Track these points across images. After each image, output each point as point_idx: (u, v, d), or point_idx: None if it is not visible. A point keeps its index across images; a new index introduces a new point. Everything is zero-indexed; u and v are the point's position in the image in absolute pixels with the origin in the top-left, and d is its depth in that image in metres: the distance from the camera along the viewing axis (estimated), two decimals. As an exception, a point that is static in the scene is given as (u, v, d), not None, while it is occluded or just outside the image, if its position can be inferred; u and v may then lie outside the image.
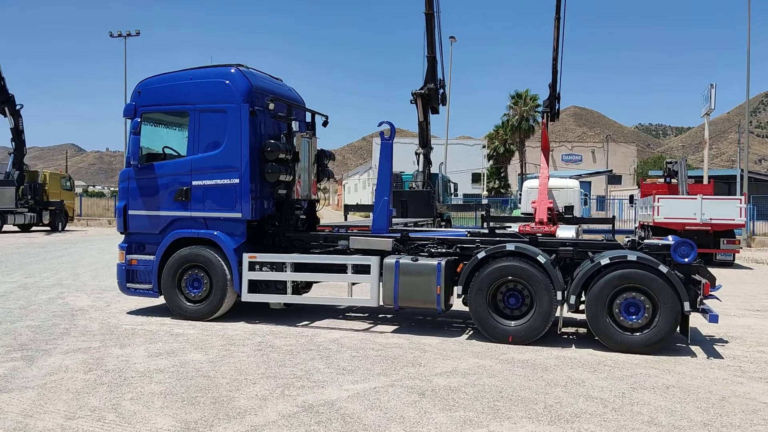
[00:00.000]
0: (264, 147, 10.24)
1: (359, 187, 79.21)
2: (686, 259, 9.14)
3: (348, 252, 10.39)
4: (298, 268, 10.28)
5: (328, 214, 48.48)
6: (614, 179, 72.24)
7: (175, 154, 10.80)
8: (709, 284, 8.83)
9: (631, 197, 31.97)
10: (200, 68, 10.78)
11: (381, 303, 9.87)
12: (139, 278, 10.80)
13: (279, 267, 10.26)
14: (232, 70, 10.45)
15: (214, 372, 7.39)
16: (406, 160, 48.35)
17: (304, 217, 11.80)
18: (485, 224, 29.47)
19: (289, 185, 10.73)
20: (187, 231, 10.49)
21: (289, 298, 10.29)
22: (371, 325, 10.41)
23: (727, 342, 9.75)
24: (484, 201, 51.03)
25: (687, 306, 8.58)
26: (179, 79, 10.76)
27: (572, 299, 9.00)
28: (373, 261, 9.85)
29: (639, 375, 7.68)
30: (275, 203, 10.79)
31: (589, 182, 65.75)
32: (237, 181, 10.19)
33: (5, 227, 35.59)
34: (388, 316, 11.22)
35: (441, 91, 30.81)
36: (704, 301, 9.52)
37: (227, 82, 10.32)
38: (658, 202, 22.99)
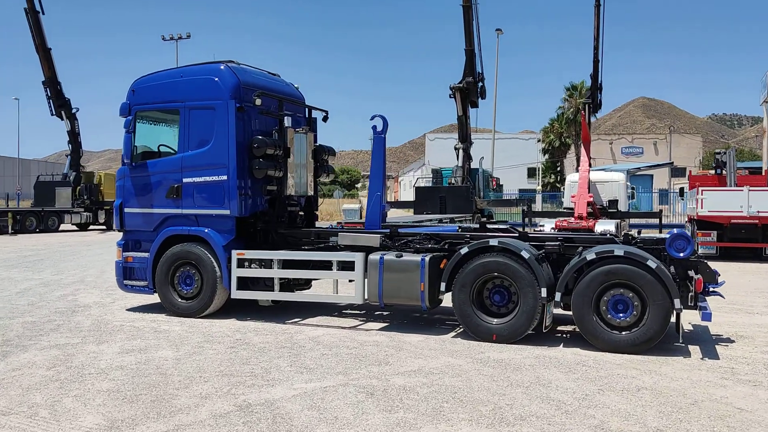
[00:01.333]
0: (251, 143, 10.19)
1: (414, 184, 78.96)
2: (681, 254, 8.64)
3: (338, 249, 10.23)
4: (286, 264, 10.19)
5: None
6: (678, 172, 69.80)
7: (171, 151, 10.87)
8: (701, 280, 8.31)
9: (681, 190, 30.80)
10: (191, 66, 10.82)
11: (366, 300, 9.68)
12: (136, 275, 10.93)
13: (267, 264, 10.19)
14: (222, 67, 10.43)
15: (173, 369, 7.35)
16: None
17: (303, 213, 11.72)
18: (526, 219, 28.93)
19: (281, 181, 10.63)
20: (179, 228, 10.55)
21: (277, 295, 10.21)
22: (361, 323, 10.23)
23: (733, 342, 9.17)
24: (538, 195, 50.09)
25: (678, 303, 8.08)
26: (171, 77, 10.82)
27: (558, 296, 8.61)
28: (357, 257, 9.67)
29: (615, 376, 7.27)
30: (268, 200, 10.72)
31: (651, 175, 63.79)
32: (225, 177, 10.17)
33: (63, 226, 36.97)
34: (384, 313, 11.02)
35: (480, 84, 30.34)
36: (706, 297, 9.05)
37: (216, 79, 10.31)
38: (701, 194, 21.97)
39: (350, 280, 9.95)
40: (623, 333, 8.36)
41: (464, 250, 9.08)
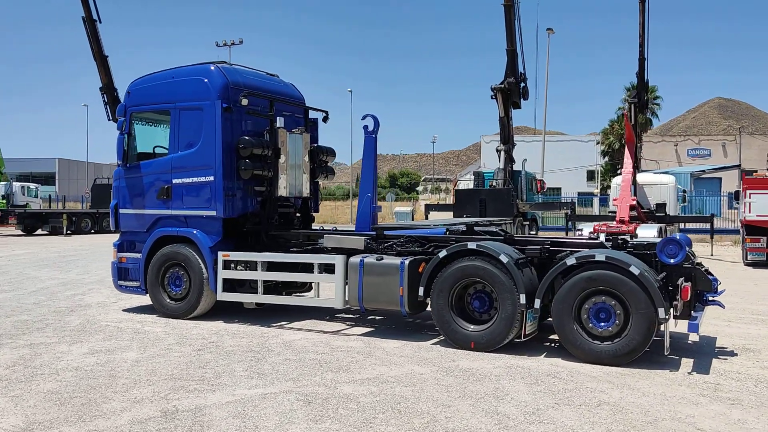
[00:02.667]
0: (237, 143, 10.08)
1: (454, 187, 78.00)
2: (672, 260, 8.07)
3: (326, 251, 10.02)
4: (271, 267, 10.03)
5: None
6: (749, 175, 66.82)
7: (165, 152, 10.88)
8: (689, 288, 7.71)
9: (736, 193, 29.32)
10: (183, 67, 10.80)
11: (347, 304, 9.43)
12: (130, 276, 10.97)
13: (252, 266, 10.06)
14: (212, 68, 10.37)
15: (126, 372, 7.27)
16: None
17: (299, 215, 11.56)
18: (570, 223, 28.08)
19: (272, 182, 10.49)
20: (170, 229, 10.53)
21: (260, 298, 10.05)
22: (347, 327, 9.98)
23: (735, 355, 8.51)
24: (595, 199, 48.74)
25: (662, 312, 7.51)
26: (163, 78, 10.83)
27: (537, 303, 8.15)
28: (338, 260, 9.43)
29: (582, 389, 6.80)
30: (260, 201, 10.60)
31: (719, 179, 61.30)
32: (212, 178, 10.10)
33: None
34: (377, 317, 10.73)
35: (522, 85, 29.67)
36: (706, 305, 8.46)
37: (205, 80, 10.25)
38: (749, 197, 20.81)
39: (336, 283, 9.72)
40: (605, 343, 7.85)
41: (442, 254, 8.72)
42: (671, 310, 7.57)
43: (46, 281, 15.14)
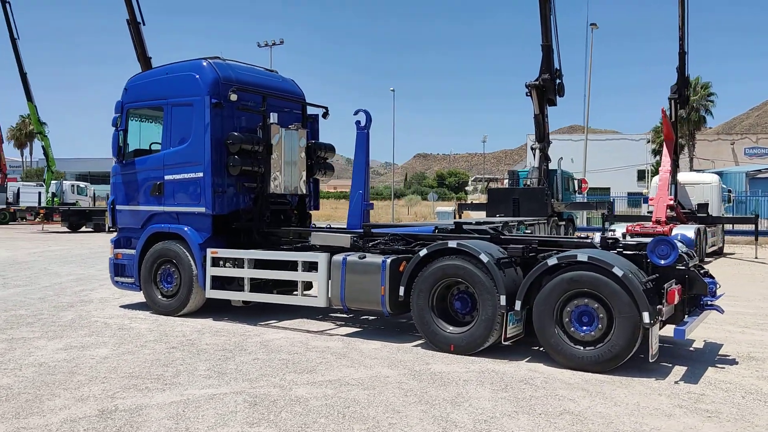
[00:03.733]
0: (225, 139, 9.95)
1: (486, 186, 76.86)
2: (663, 261, 7.59)
3: (315, 249, 9.82)
4: (258, 264, 9.87)
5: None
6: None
7: (160, 148, 10.84)
8: (676, 291, 7.22)
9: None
10: (177, 63, 10.74)
11: (330, 303, 9.20)
12: (126, 272, 10.97)
13: (240, 263, 9.92)
14: (204, 63, 10.28)
15: (87, 368, 7.19)
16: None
17: (296, 212, 11.38)
18: (606, 223, 27.30)
19: (263, 179, 10.33)
20: (162, 226, 10.48)
21: (247, 296, 9.91)
22: (334, 327, 9.76)
23: (735, 363, 7.96)
24: (644, 197, 47.34)
25: (647, 317, 7.05)
26: (158, 74, 10.82)
27: (518, 305, 7.77)
28: (320, 258, 9.21)
29: (551, 397, 6.41)
30: (253, 198, 10.46)
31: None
32: (201, 175, 10.00)
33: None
34: (370, 317, 10.47)
35: (558, 81, 28.98)
36: (704, 310, 7.96)
37: (196, 75, 10.16)
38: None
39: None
40: (587, 348, 7.42)
41: (423, 252, 8.41)
42: (657, 314, 7.09)
43: (64, 277, 15.36)
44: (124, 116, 10.84)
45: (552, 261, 7.61)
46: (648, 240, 7.85)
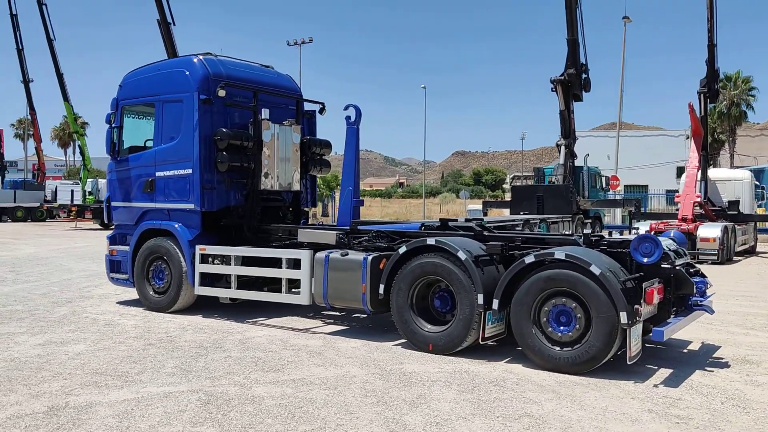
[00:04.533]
0: (213, 135, 9.90)
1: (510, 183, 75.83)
2: (646, 259, 7.28)
3: (303, 246, 9.71)
4: (246, 261, 9.80)
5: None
6: None
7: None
8: (654, 291, 6.90)
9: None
10: (169, 59, 10.72)
11: (313, 301, 9.08)
12: (121, 269, 11.00)
13: (228, 260, 9.86)
14: (194, 60, 10.24)
15: (58, 364, 7.18)
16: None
17: (291, 209, 11.29)
18: (633, 220, 26.70)
19: (254, 175, 10.25)
20: (153, 222, 10.49)
21: (233, 293, 9.84)
22: (321, 325, 9.64)
23: (727, 367, 7.61)
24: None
25: (624, 317, 6.76)
26: (150, 71, 10.80)
27: (495, 304, 7.53)
28: (304, 255, 9.09)
29: (517, 400, 6.18)
30: (246, 194, 10.38)
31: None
32: (190, 171, 9.97)
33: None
34: (361, 317, 10.31)
35: (584, 76, 28.40)
36: (692, 311, 7.63)
37: (186, 72, 10.13)
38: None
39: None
40: (565, 350, 7.16)
41: (402, 249, 8.23)
42: (635, 314, 6.79)
43: (75, 273, 15.53)
44: (119, 113, 10.87)
45: (529, 259, 7.36)
46: (631, 237, 7.54)
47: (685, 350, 8.41)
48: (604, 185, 30.29)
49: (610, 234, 28.52)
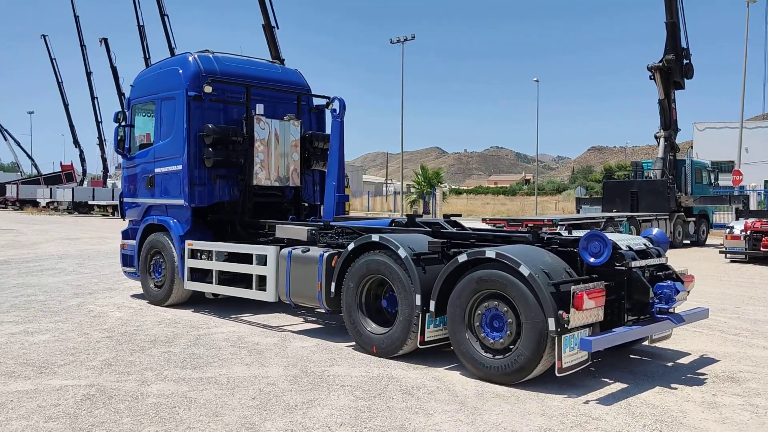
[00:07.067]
0: (200, 131, 9.94)
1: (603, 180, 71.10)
2: (593, 259, 6.52)
3: (273, 242, 9.55)
4: (232, 257, 9.76)
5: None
6: None
7: (160, 143, 11.06)
8: (582, 295, 6.10)
9: None
10: (170, 58, 10.91)
11: (279, 298, 8.89)
12: (131, 262, 11.34)
13: (211, 255, 9.87)
14: (189, 58, 10.33)
15: (7, 354, 7.44)
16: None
17: (293, 205, 11.15)
18: (738, 218, 24.50)
19: (245, 170, 10.20)
20: (153, 218, 10.71)
21: (215, 288, 9.82)
22: (294, 324, 9.41)
23: (700, 384, 6.66)
24: None
25: (552, 323, 6.06)
26: (154, 70, 11.05)
27: (432, 305, 7.00)
28: (269, 251, 8.92)
29: (412, 409, 5.69)
30: (240, 190, 10.36)
31: None
32: (180, 167, 10.08)
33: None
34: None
35: (685, 62, 26.43)
36: (655, 318, 6.78)
37: (180, 70, 10.25)
38: None
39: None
40: (496, 357, 6.54)
41: (350, 246, 7.85)
42: (563, 321, 6.05)
43: (114, 267, 15.69)
44: (130, 111, 11.19)
45: (462, 258, 6.78)
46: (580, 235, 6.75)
47: (670, 363, 7.47)
48: (712, 181, 27.94)
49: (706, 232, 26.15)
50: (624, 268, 6.57)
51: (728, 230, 19.84)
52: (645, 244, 7.12)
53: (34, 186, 64.83)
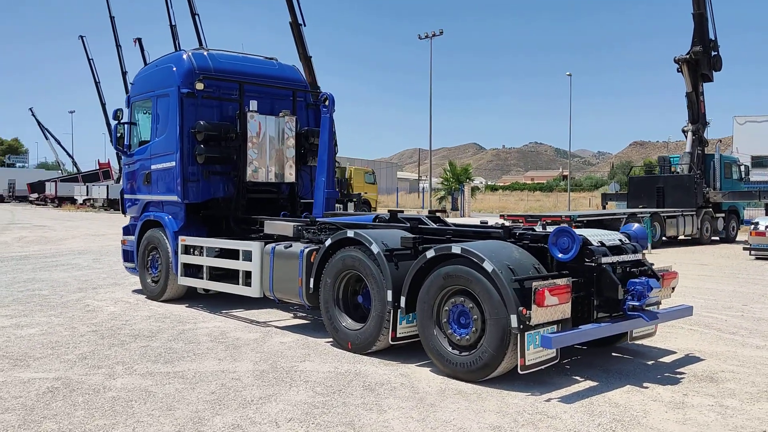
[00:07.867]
0: (191, 128, 10.01)
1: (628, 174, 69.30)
2: (561, 255, 6.39)
3: (272, 237, 9.57)
4: (223, 253, 9.82)
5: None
6: None
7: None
8: (544, 291, 5.96)
9: None
10: (165, 56, 11.01)
11: (263, 293, 8.91)
12: (131, 258, 11.49)
13: (202, 251, 9.94)
14: (183, 55, 10.43)
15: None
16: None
17: (289, 201, 11.16)
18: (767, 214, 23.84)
19: (238, 167, 10.25)
20: (150, 214, 10.85)
21: (205, 284, 9.89)
22: (281, 320, 9.44)
23: (674, 383, 6.48)
24: None
25: (514, 320, 5.95)
26: (151, 68, 11.16)
27: (402, 301, 6.94)
28: (254, 246, 8.94)
29: (367, 405, 5.65)
30: (234, 186, 10.42)
31: None
32: (173, 164, 10.18)
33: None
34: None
35: (713, 54, 25.79)
36: (627, 317, 6.63)
37: (174, 67, 10.35)
38: None
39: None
40: (462, 354, 6.45)
41: (328, 242, 7.83)
42: (525, 318, 5.94)
43: (116, 264, 15.97)
44: (130, 109, 11.33)
45: (430, 253, 6.70)
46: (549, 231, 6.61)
47: (650, 362, 7.28)
48: (742, 176, 27.19)
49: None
50: (593, 264, 6.42)
51: (753, 226, 19.29)
52: (620, 240, 6.95)
53: (72, 183, 66.36)
